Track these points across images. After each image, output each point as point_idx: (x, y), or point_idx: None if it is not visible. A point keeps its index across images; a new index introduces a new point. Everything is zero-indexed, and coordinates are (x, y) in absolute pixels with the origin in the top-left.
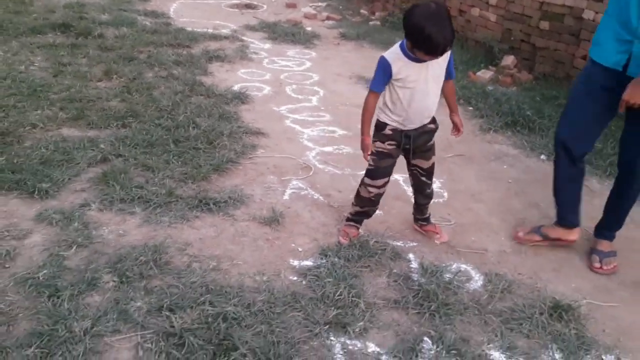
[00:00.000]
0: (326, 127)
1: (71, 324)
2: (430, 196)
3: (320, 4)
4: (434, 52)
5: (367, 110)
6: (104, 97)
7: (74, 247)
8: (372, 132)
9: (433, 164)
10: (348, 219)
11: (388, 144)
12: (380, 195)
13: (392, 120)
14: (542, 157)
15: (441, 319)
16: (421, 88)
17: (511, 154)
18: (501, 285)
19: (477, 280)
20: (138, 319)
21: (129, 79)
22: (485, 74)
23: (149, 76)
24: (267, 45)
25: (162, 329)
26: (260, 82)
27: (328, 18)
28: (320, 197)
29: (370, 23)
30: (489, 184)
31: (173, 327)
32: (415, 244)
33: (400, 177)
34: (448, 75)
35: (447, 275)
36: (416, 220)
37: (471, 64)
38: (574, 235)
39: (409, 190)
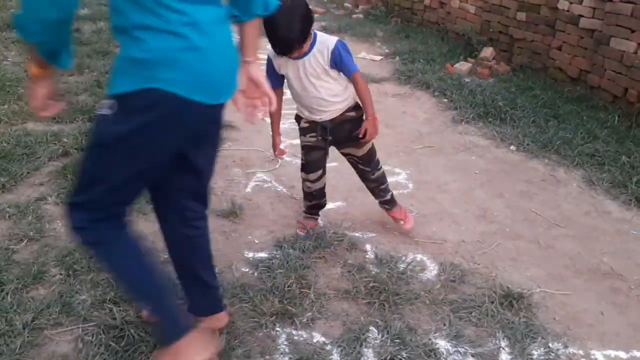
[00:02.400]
0: None
1: (12, 318)
2: (377, 180)
3: None
4: (275, 49)
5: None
6: (74, 91)
7: (25, 241)
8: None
9: (370, 150)
10: (304, 212)
11: (309, 137)
12: (320, 189)
13: (299, 112)
14: (512, 147)
15: (390, 308)
16: (297, 85)
17: (481, 144)
18: (455, 275)
19: (431, 270)
20: (81, 312)
21: (100, 72)
22: (463, 66)
23: None
24: None
25: (104, 321)
26: None
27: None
28: (284, 190)
29: (354, 16)
30: (455, 175)
31: (115, 319)
32: (374, 234)
33: None
34: (347, 73)
35: (402, 266)
36: (380, 204)
37: (450, 56)
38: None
39: None
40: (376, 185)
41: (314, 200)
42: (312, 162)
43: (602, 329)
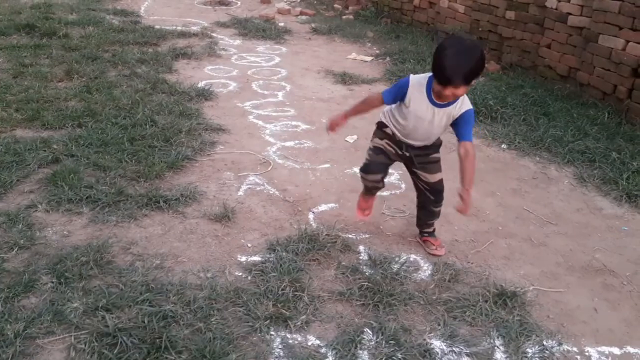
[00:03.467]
0: (290, 121)
1: (3, 327)
2: (434, 215)
3: None
4: (441, 79)
5: (364, 103)
6: (63, 97)
7: (15, 249)
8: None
9: (440, 181)
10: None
11: (386, 142)
12: (375, 189)
13: (394, 128)
14: (503, 146)
15: (385, 309)
16: (422, 125)
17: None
18: (449, 274)
19: (425, 270)
20: (73, 320)
21: (90, 78)
22: None
23: (111, 75)
24: (237, 42)
25: (96, 329)
26: (226, 78)
27: (302, 13)
28: (276, 192)
29: (344, 17)
30: (447, 175)
31: (107, 327)
32: (367, 235)
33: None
34: (460, 137)
35: (396, 266)
36: (420, 233)
37: None
38: None
39: None
40: (430, 219)
41: (372, 191)
42: (375, 164)
43: (596, 325)
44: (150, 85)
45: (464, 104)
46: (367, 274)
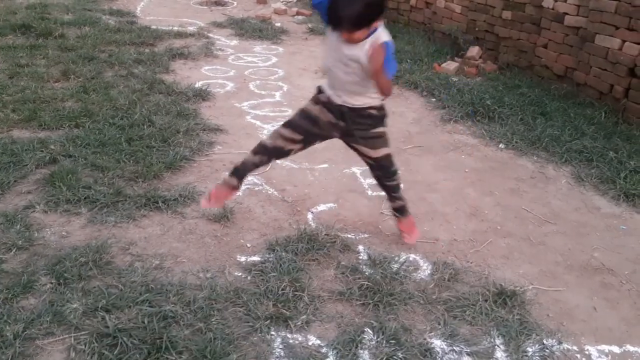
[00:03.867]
0: None
1: (2, 328)
2: (389, 189)
3: None
4: (332, 25)
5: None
6: (59, 97)
7: (14, 250)
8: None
9: (386, 156)
10: (229, 174)
11: (319, 108)
12: (275, 151)
13: (325, 88)
14: (501, 145)
15: (385, 309)
16: (335, 62)
17: (470, 143)
18: (448, 274)
19: (424, 270)
20: (73, 321)
21: (87, 78)
22: (450, 65)
23: (108, 75)
24: (234, 42)
25: (96, 329)
26: (223, 78)
27: (298, 13)
28: (275, 192)
29: None
30: (445, 174)
31: (107, 327)
32: (366, 235)
33: (358, 169)
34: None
35: (395, 266)
36: (392, 210)
37: (437, 56)
38: None
39: (365, 183)
40: (389, 192)
41: (257, 157)
42: (298, 125)
43: (595, 324)
44: (148, 86)
45: (379, 38)
46: (366, 273)
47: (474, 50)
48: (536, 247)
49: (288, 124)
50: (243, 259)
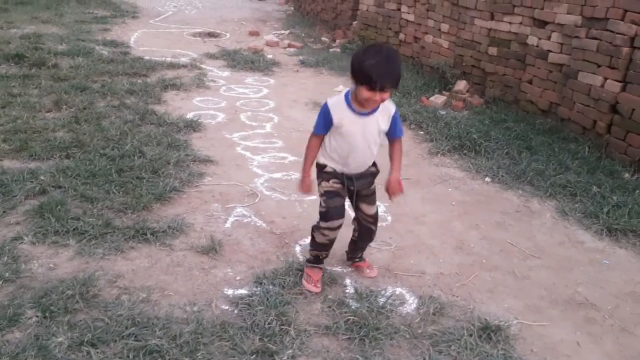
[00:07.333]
0: (277, 153)
1: None
2: (371, 240)
3: (283, 31)
4: (371, 84)
5: (309, 149)
6: (51, 127)
7: (0, 282)
8: (314, 174)
9: (377, 212)
10: (311, 262)
11: (333, 182)
12: (334, 240)
13: (334, 162)
14: (487, 179)
15: (370, 344)
16: (360, 142)
17: (457, 176)
18: (434, 308)
19: (411, 304)
20: (58, 355)
21: (79, 109)
22: (438, 99)
23: (100, 106)
24: (226, 73)
25: None
26: (215, 109)
27: (290, 46)
28: (264, 224)
29: (331, 50)
30: (433, 207)
31: None
32: (353, 269)
33: (346, 202)
34: (393, 134)
35: (382, 300)
36: (349, 258)
37: (425, 89)
38: None
39: (353, 216)
40: (366, 245)
41: (327, 250)
42: (334, 209)
43: (579, 359)
44: (139, 116)
45: (388, 107)
46: (353, 307)
47: (461, 85)
48: (521, 281)
49: (327, 216)
50: (230, 292)
